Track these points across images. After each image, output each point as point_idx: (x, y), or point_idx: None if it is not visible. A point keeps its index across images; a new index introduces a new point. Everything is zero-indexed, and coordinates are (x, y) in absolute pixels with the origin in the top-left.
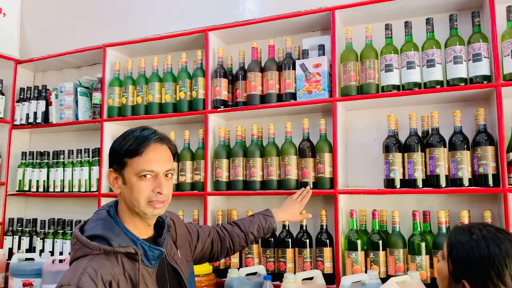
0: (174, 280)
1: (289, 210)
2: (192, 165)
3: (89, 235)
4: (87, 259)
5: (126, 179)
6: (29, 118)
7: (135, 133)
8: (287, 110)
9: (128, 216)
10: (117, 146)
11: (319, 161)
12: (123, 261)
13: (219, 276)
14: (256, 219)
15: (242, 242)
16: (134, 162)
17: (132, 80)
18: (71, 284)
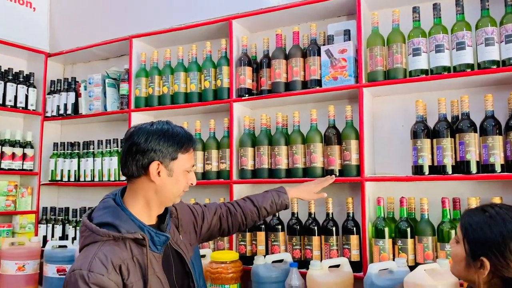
0: (178, 263)
1: (303, 188)
2: (217, 154)
3: (97, 223)
4: (97, 245)
5: (174, 172)
6: (59, 109)
7: (181, 131)
8: (312, 97)
9: (141, 204)
10: (170, 142)
11: (345, 149)
12: (131, 247)
13: (246, 263)
14: (270, 195)
15: (255, 217)
16: (184, 158)
17: (158, 71)
18: (83, 268)
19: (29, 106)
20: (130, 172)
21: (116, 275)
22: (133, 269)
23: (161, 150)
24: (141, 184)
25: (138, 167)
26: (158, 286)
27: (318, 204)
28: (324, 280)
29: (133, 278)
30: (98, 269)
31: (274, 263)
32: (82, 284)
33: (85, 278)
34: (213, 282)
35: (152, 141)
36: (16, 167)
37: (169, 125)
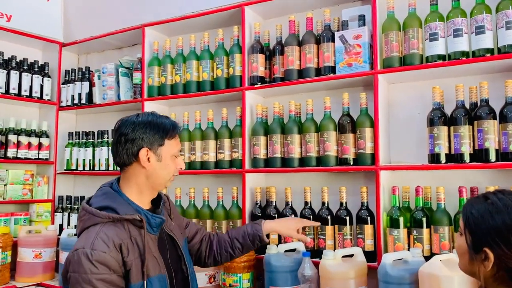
0: (172, 247)
1: (283, 222)
2: (230, 143)
3: (97, 207)
4: (98, 227)
5: (162, 157)
6: (74, 99)
7: (164, 119)
8: (326, 84)
9: (135, 190)
10: (156, 129)
11: (359, 137)
12: (129, 228)
13: (258, 252)
14: (244, 227)
15: (228, 248)
16: (171, 143)
17: (171, 59)
18: (86, 247)
19: (44, 96)
20: (122, 160)
21: (117, 253)
22: (131, 249)
23: (149, 138)
24: (132, 171)
25: (129, 155)
26: (155, 265)
27: (331, 193)
28: (337, 270)
29: (132, 256)
30: (101, 247)
31: (287, 252)
32: (85, 262)
33: (88, 255)
34: (225, 271)
35: (139, 130)
36: (32, 156)
37: (154, 115)
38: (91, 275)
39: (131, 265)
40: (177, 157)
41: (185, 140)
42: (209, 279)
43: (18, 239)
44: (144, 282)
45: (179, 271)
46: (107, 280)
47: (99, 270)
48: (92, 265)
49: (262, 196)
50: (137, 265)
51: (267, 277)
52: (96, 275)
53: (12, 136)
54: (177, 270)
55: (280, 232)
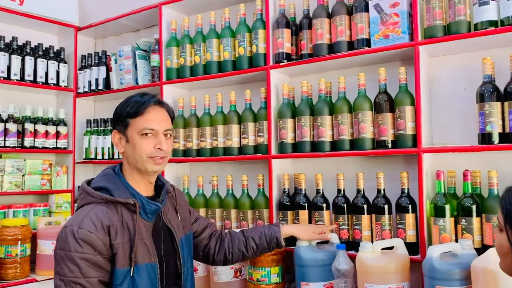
0: (168, 240)
1: (303, 226)
2: (254, 127)
3: (94, 187)
4: (90, 206)
5: (129, 138)
6: (91, 85)
7: (136, 97)
8: (360, 59)
9: (130, 173)
10: (120, 109)
11: (398, 116)
12: (122, 211)
13: (288, 244)
14: (261, 227)
15: (242, 247)
16: (136, 122)
17: (189, 39)
18: (74, 225)
19: (61, 83)
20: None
21: (104, 235)
22: (121, 232)
23: (116, 120)
24: (122, 156)
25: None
26: (145, 251)
27: (367, 179)
28: (377, 264)
29: (120, 240)
30: (88, 226)
31: (319, 244)
32: (71, 239)
33: (74, 233)
34: (252, 265)
35: (114, 114)
36: (50, 146)
37: (131, 96)
38: (75, 253)
39: (118, 249)
40: (147, 135)
41: (207, 125)
42: (235, 273)
43: (38, 231)
44: (131, 269)
45: (171, 264)
46: (90, 260)
47: (83, 249)
48: (77, 243)
49: (290, 184)
50: (125, 250)
51: (297, 272)
52: (80, 253)
53: (28, 124)
54: (170, 263)
55: (300, 236)
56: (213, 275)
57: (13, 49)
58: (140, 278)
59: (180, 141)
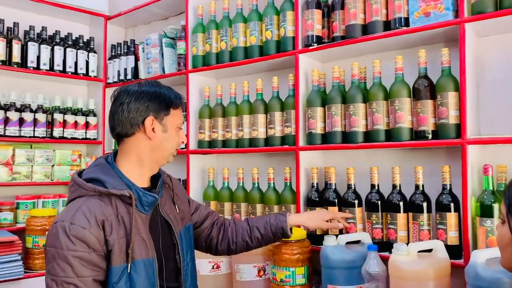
0: (166, 233)
1: (312, 213)
2: (281, 116)
3: (86, 178)
4: (82, 200)
5: (168, 128)
6: (120, 75)
7: (168, 88)
8: (397, 41)
9: (135, 163)
10: (161, 98)
11: (440, 103)
12: (117, 204)
13: (316, 243)
14: (266, 216)
15: (246, 237)
16: (176, 113)
17: (216, 24)
18: (65, 220)
19: (90, 73)
20: (124, 130)
21: (98, 230)
22: (116, 227)
23: (155, 106)
24: (134, 143)
25: (133, 124)
26: (142, 246)
27: (404, 174)
28: (412, 268)
29: (115, 235)
30: (80, 222)
31: (348, 244)
32: (62, 236)
33: (66, 229)
34: (276, 264)
35: (143, 98)
36: (79, 136)
37: (158, 84)
38: (67, 251)
39: (113, 245)
40: (180, 129)
41: (232, 115)
42: (258, 272)
43: None
44: (128, 265)
45: (171, 259)
46: (84, 258)
47: (76, 246)
48: (69, 240)
49: (319, 178)
50: (121, 246)
51: (324, 274)
52: (72, 251)
53: (57, 115)
54: (169, 257)
55: (307, 225)
56: (235, 273)
57: (42, 39)
58: (138, 275)
59: (206, 132)
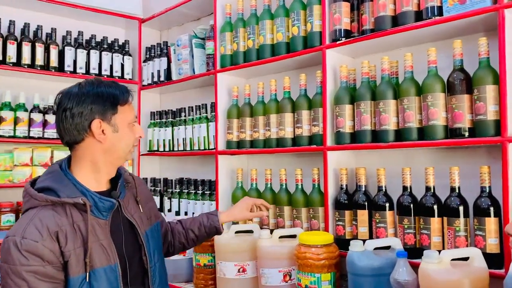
0: (130, 234)
1: (234, 208)
2: (309, 115)
3: (38, 188)
4: (35, 211)
5: (118, 127)
6: (153, 77)
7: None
8: (430, 32)
9: (90, 169)
10: (104, 97)
11: (477, 98)
12: (72, 213)
13: (343, 248)
14: (199, 217)
15: (182, 239)
16: (125, 110)
17: (243, 22)
18: (16, 234)
19: (125, 75)
20: (72, 138)
21: (52, 242)
22: (72, 236)
23: (98, 107)
24: (86, 148)
25: (79, 130)
26: (101, 254)
27: (439, 175)
28: (444, 278)
29: (71, 245)
30: (32, 235)
31: (377, 250)
32: (14, 251)
33: (17, 244)
34: (301, 269)
35: (86, 101)
36: None
37: (99, 82)
38: (20, 266)
39: (70, 256)
40: (134, 124)
41: (260, 114)
42: (283, 277)
43: None
44: (86, 275)
45: (136, 261)
46: (39, 272)
47: (29, 261)
48: (22, 255)
49: (349, 179)
50: (78, 255)
51: (350, 281)
52: (26, 266)
53: None
54: (133, 260)
55: (236, 218)
56: (261, 277)
57: (79, 43)
58: (98, 283)
59: (234, 132)
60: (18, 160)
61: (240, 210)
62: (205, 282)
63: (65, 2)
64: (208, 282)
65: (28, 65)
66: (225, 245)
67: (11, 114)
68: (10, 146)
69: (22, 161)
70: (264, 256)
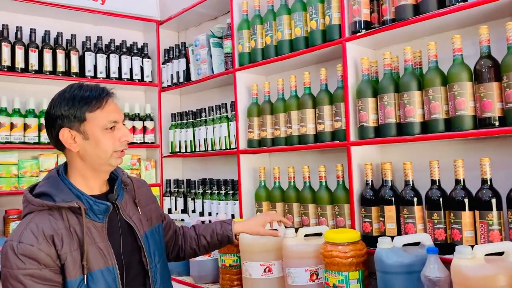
0: (129, 236)
1: (250, 221)
2: (331, 110)
3: (35, 193)
4: (32, 215)
5: (89, 134)
6: (173, 78)
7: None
8: (454, 19)
9: (78, 172)
10: (69, 104)
11: (507, 85)
12: (68, 216)
13: (371, 245)
14: (213, 224)
15: (193, 245)
16: (96, 116)
17: (260, 19)
18: (14, 239)
19: (145, 78)
20: (57, 147)
21: (48, 246)
22: (68, 240)
23: (66, 115)
24: (69, 156)
25: (56, 141)
26: (98, 256)
27: (468, 167)
28: (478, 274)
29: (67, 248)
30: (28, 240)
31: (406, 246)
32: (12, 256)
33: (14, 249)
34: (328, 268)
35: (55, 108)
36: (138, 141)
37: (78, 86)
38: (17, 270)
39: (66, 259)
40: (112, 128)
41: (280, 111)
42: (310, 276)
43: None
44: (84, 277)
45: (135, 263)
46: (35, 275)
47: (25, 265)
48: (18, 259)
49: (374, 175)
50: (75, 258)
51: (379, 278)
52: (22, 270)
53: None
54: (132, 262)
55: (250, 231)
56: (287, 277)
57: (98, 48)
58: (96, 285)
59: (255, 131)
60: (43, 166)
61: (255, 224)
62: (231, 283)
63: (83, 8)
64: (234, 282)
65: (49, 72)
66: (250, 245)
67: (35, 121)
68: (35, 152)
69: (47, 167)
70: (290, 255)
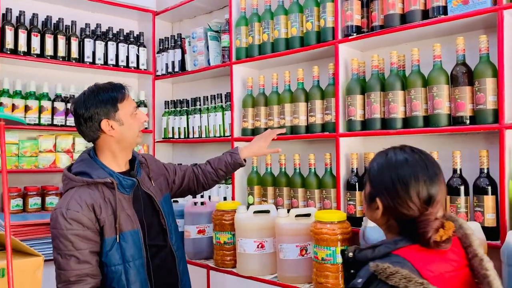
0: (148, 203)
1: (253, 146)
2: (322, 104)
3: (74, 172)
4: (74, 190)
5: (123, 121)
6: (168, 68)
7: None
8: (436, 29)
9: (109, 156)
10: (105, 99)
11: (478, 89)
12: (103, 190)
13: (355, 225)
14: (223, 157)
15: (214, 177)
16: (124, 105)
17: (258, 17)
18: (62, 207)
19: (140, 66)
20: (90, 137)
21: (89, 212)
22: (104, 207)
23: (103, 110)
24: (103, 142)
25: (94, 131)
26: (128, 220)
27: (443, 159)
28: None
29: (105, 214)
30: (74, 207)
31: None
32: (61, 219)
33: (63, 214)
34: (317, 244)
35: (91, 107)
36: None
37: (97, 88)
38: (66, 230)
39: (104, 222)
40: (135, 113)
41: (274, 103)
42: (300, 251)
43: None
44: (117, 236)
45: (155, 224)
46: (80, 235)
47: (73, 226)
48: (67, 222)
49: (359, 163)
50: (111, 221)
51: None
52: (70, 230)
53: None
54: (152, 223)
55: (256, 154)
56: (279, 252)
57: (97, 35)
58: (126, 243)
59: (249, 120)
60: (42, 147)
61: (258, 147)
62: (224, 258)
63: None
64: (227, 258)
65: (51, 56)
66: (245, 224)
67: (36, 103)
68: (35, 133)
69: (46, 148)
70: (283, 233)
